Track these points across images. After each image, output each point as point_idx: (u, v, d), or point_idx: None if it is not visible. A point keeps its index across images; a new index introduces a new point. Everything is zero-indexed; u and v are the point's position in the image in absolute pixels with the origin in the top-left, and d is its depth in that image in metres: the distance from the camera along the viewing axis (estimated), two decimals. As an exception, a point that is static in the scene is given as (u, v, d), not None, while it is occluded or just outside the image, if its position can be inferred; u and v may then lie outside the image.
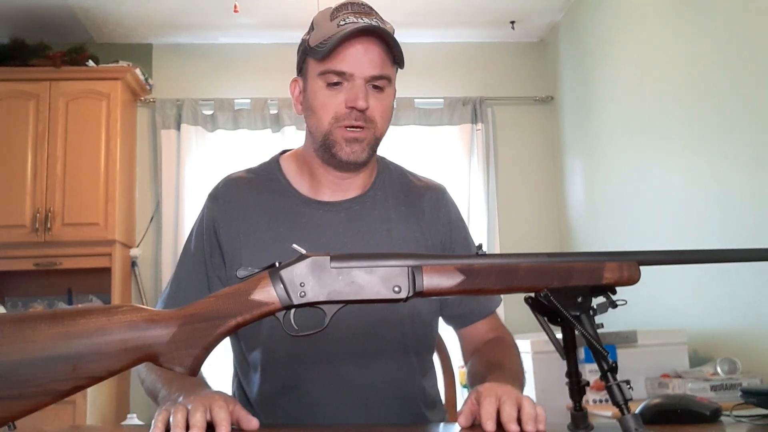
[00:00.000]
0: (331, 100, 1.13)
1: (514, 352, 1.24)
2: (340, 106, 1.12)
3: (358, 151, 1.14)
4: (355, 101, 1.11)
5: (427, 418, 1.24)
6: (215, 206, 1.23)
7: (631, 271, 0.82)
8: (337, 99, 1.13)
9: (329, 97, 1.13)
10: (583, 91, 3.55)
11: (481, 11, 3.74)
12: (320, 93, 1.14)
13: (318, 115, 1.15)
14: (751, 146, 2.15)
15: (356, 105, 1.11)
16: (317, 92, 1.14)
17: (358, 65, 1.11)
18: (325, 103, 1.13)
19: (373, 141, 1.16)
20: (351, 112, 1.12)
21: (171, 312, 0.80)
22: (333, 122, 1.13)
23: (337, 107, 1.13)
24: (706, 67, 2.40)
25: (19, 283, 3.63)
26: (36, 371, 0.74)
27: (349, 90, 1.12)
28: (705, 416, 1.01)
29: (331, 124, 1.13)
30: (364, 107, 1.11)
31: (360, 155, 1.15)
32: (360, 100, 1.11)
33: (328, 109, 1.13)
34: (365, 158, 1.16)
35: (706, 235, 2.39)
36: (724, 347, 2.28)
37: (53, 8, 3.53)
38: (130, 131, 3.77)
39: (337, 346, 1.15)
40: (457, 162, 3.88)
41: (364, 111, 1.12)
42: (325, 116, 1.14)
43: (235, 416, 0.91)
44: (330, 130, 1.14)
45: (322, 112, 1.14)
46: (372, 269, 0.81)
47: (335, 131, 1.13)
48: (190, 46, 3.99)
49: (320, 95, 1.14)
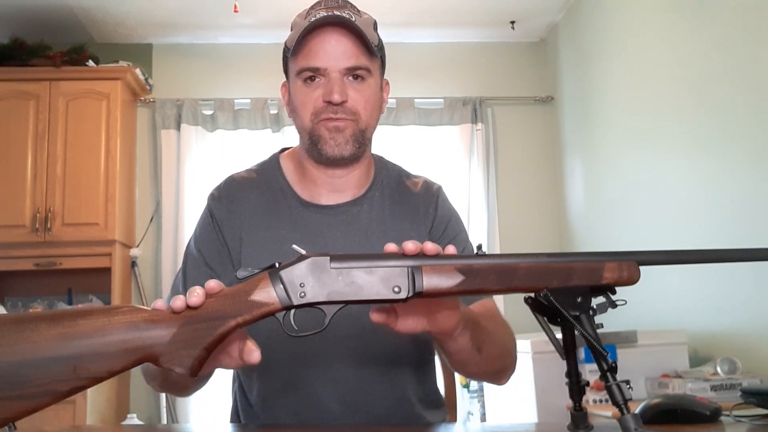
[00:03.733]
0: (309, 96, 1.13)
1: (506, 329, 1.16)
2: (318, 101, 1.13)
3: (342, 143, 1.14)
4: (330, 95, 1.11)
5: (427, 419, 1.24)
6: (218, 205, 1.23)
7: (630, 271, 0.82)
8: (314, 95, 1.13)
9: (307, 94, 1.14)
10: (583, 91, 3.55)
11: (481, 11, 3.74)
12: (299, 91, 1.15)
13: (300, 114, 1.16)
14: (751, 145, 2.15)
15: (331, 99, 1.11)
16: (297, 91, 1.15)
17: (329, 59, 1.11)
18: (304, 101, 1.14)
19: (357, 133, 1.15)
20: (328, 106, 1.12)
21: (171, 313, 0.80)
22: (313, 118, 1.14)
23: (315, 102, 1.13)
24: (706, 66, 2.40)
25: (19, 283, 3.64)
26: (36, 372, 0.74)
27: (324, 84, 1.12)
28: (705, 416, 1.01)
29: (312, 120, 1.14)
30: (339, 101, 1.11)
31: (344, 147, 1.14)
32: (335, 94, 1.10)
33: (307, 106, 1.14)
34: (351, 151, 1.15)
35: (706, 235, 2.39)
36: (724, 347, 2.28)
37: (53, 8, 3.53)
38: (130, 131, 3.77)
39: (337, 346, 1.15)
40: (457, 162, 3.88)
41: (342, 104, 1.11)
42: (305, 114, 1.14)
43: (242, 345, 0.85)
44: (312, 127, 1.14)
45: (302, 109, 1.15)
46: (372, 269, 0.81)
47: (317, 126, 1.14)
48: (190, 46, 3.99)
49: (299, 94, 1.15)
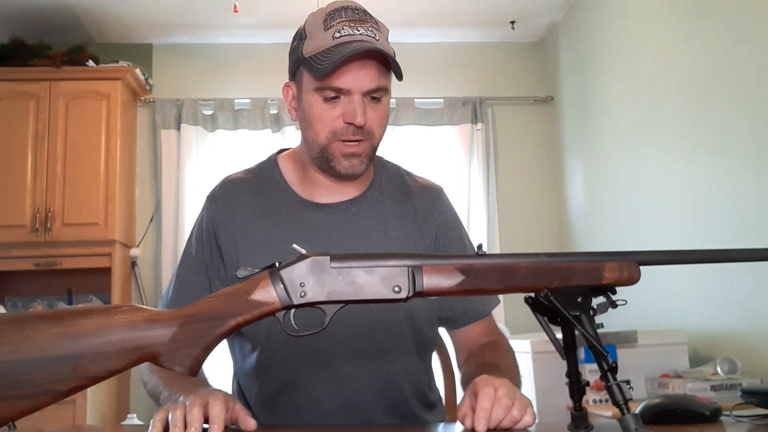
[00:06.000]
0: (328, 114, 1.11)
1: (510, 356, 1.22)
2: (338, 121, 1.10)
3: (357, 164, 1.13)
4: (353, 117, 1.09)
5: (426, 419, 1.24)
6: (214, 208, 1.23)
7: (631, 271, 0.82)
8: (334, 113, 1.10)
9: (326, 111, 1.11)
10: (583, 91, 3.55)
11: (481, 11, 3.74)
12: (316, 106, 1.12)
13: (315, 129, 1.13)
14: (751, 145, 2.15)
15: (354, 122, 1.09)
16: (313, 105, 1.12)
17: (356, 82, 1.08)
18: (322, 117, 1.11)
19: (370, 151, 1.15)
20: (349, 128, 1.10)
21: (171, 312, 0.80)
22: (330, 137, 1.11)
23: (334, 122, 1.11)
24: (707, 66, 2.39)
25: (19, 283, 3.63)
26: (36, 371, 0.74)
27: (346, 104, 1.10)
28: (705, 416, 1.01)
29: (328, 138, 1.12)
30: (363, 123, 1.09)
31: (359, 168, 1.14)
32: (359, 117, 1.09)
33: (326, 123, 1.11)
34: (363, 170, 1.15)
35: (706, 235, 2.39)
36: (724, 347, 2.28)
37: (53, 8, 3.53)
38: (130, 131, 3.77)
39: (337, 346, 1.15)
40: (457, 162, 3.88)
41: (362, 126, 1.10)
42: (322, 130, 1.12)
43: (234, 415, 0.91)
44: (327, 144, 1.12)
45: (319, 125, 1.12)
46: (372, 269, 0.81)
47: (333, 145, 1.12)
48: (190, 46, 3.99)
49: (316, 108, 1.12)
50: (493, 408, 0.88)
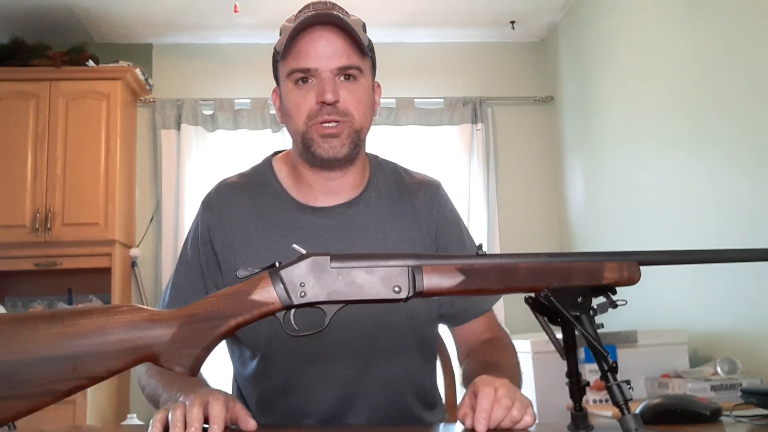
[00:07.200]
0: (302, 99, 1.12)
1: (511, 352, 1.23)
2: (311, 104, 1.11)
3: (336, 146, 1.13)
4: (323, 95, 1.10)
5: (426, 419, 1.23)
6: (209, 213, 1.22)
7: (631, 271, 0.82)
8: (308, 97, 1.12)
9: (299, 96, 1.13)
10: (583, 91, 3.55)
11: (481, 11, 3.74)
12: (291, 94, 1.14)
13: (293, 117, 1.14)
14: (751, 146, 2.15)
15: (324, 99, 1.10)
16: (288, 94, 1.14)
17: (320, 58, 1.10)
18: (297, 104, 1.13)
19: (351, 134, 1.14)
20: (323, 108, 1.11)
21: (171, 312, 0.80)
22: (307, 120, 1.12)
23: (308, 105, 1.12)
24: (706, 66, 2.40)
25: (19, 283, 3.63)
26: (36, 371, 0.74)
27: (317, 85, 1.11)
28: (705, 416, 1.01)
29: (306, 123, 1.13)
30: (332, 100, 1.10)
31: (339, 150, 1.13)
32: (327, 93, 1.09)
33: (301, 108, 1.12)
34: (346, 152, 1.14)
35: (705, 235, 2.39)
36: (724, 347, 2.28)
37: (53, 8, 3.53)
38: (130, 131, 3.77)
39: (337, 346, 1.14)
40: (457, 162, 3.88)
41: (334, 104, 1.10)
42: (299, 116, 1.13)
43: (234, 415, 0.91)
44: (306, 130, 1.13)
45: (295, 112, 1.13)
46: (372, 269, 0.81)
47: (310, 129, 1.12)
48: (190, 46, 3.99)
49: (291, 96, 1.14)
50: (493, 408, 0.88)
